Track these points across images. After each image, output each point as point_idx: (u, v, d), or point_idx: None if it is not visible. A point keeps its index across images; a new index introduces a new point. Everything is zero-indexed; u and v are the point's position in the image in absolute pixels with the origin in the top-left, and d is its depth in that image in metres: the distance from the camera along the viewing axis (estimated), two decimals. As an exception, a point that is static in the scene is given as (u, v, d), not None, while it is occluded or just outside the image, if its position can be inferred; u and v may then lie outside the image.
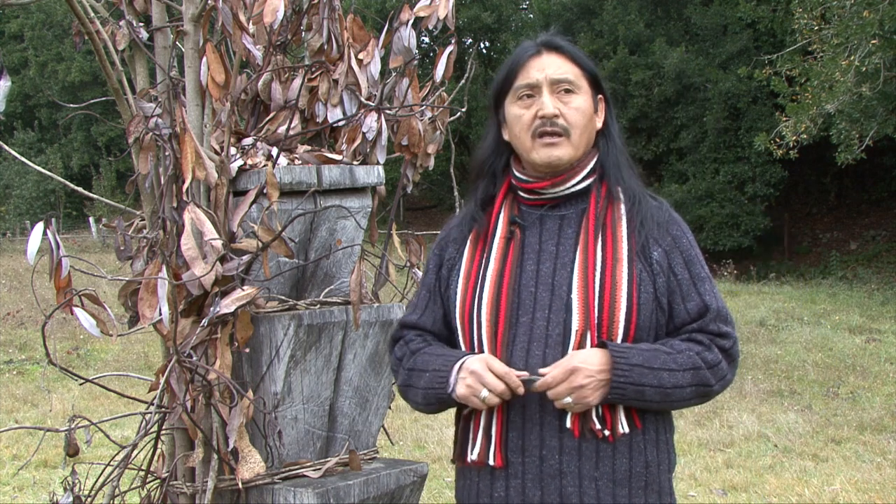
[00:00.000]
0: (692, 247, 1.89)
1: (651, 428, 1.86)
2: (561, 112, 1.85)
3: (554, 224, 1.89)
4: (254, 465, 1.92)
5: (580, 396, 1.75)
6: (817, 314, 12.72)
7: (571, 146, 1.86)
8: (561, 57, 1.89)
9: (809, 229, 22.36)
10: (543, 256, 1.87)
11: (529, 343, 1.82)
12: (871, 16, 13.15)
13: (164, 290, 1.82)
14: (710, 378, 1.83)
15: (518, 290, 1.85)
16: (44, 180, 31.31)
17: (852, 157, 14.99)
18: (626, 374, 1.76)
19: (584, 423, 1.80)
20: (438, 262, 1.98)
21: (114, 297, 2.21)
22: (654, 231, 1.85)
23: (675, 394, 1.80)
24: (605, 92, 1.93)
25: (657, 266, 1.84)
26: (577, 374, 1.74)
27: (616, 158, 1.91)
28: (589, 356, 1.76)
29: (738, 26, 20.32)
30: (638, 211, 1.87)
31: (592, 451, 1.80)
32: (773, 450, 6.43)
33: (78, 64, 31.66)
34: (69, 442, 1.95)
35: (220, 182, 1.96)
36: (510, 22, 28.69)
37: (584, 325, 1.79)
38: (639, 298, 1.81)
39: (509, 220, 1.91)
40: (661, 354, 1.80)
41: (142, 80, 2.17)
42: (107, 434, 2.11)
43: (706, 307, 1.84)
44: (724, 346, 1.85)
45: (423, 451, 6.49)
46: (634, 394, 1.78)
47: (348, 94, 2.19)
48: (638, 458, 1.83)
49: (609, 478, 1.80)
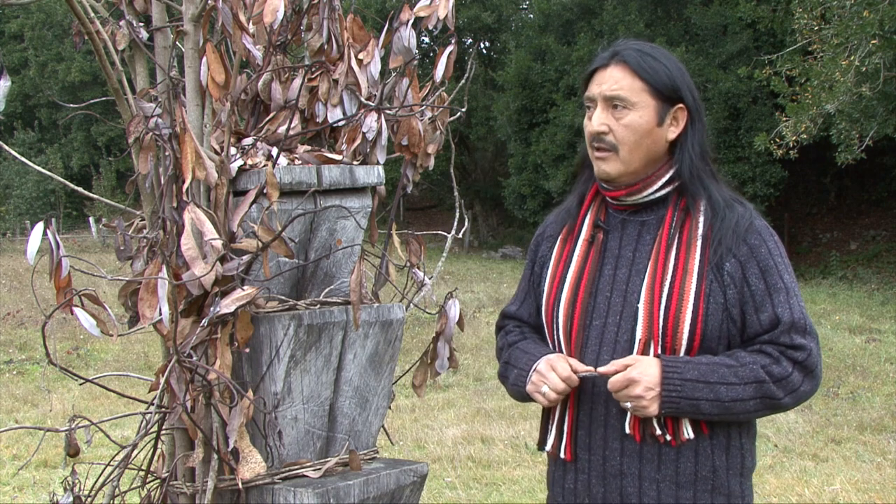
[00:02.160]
0: (771, 256, 1.86)
1: (721, 433, 1.87)
2: (611, 128, 1.89)
3: (634, 230, 1.94)
4: (254, 465, 1.92)
5: (638, 406, 1.80)
6: (817, 314, 12.72)
7: (620, 161, 1.90)
8: (624, 70, 1.89)
9: (809, 229, 22.36)
10: (621, 262, 1.92)
11: (600, 347, 1.88)
12: (871, 16, 13.14)
13: (164, 290, 1.82)
14: (776, 392, 1.82)
15: (594, 295, 1.91)
16: (44, 180, 31.32)
17: (852, 157, 14.98)
18: (679, 388, 1.79)
19: (644, 429, 1.85)
20: (533, 258, 2.10)
21: (114, 297, 2.21)
22: (730, 242, 1.85)
23: (736, 407, 1.81)
24: (688, 102, 1.91)
25: (728, 277, 1.84)
26: (634, 386, 1.79)
27: (692, 170, 1.90)
28: (648, 368, 1.80)
29: (738, 26, 20.31)
30: (720, 221, 1.87)
31: (654, 454, 1.85)
32: (773, 450, 6.43)
33: (78, 64, 31.68)
34: (69, 442, 1.95)
35: (220, 182, 1.96)
36: (510, 22, 28.71)
37: (647, 335, 1.83)
38: (706, 310, 1.82)
39: (594, 223, 1.97)
40: (721, 368, 1.81)
41: (142, 80, 2.17)
42: (107, 434, 2.11)
43: (778, 318, 1.83)
44: (796, 359, 1.83)
45: (423, 451, 6.50)
46: (689, 407, 1.80)
47: (348, 94, 2.19)
48: (704, 462, 1.85)
49: (672, 480, 1.84)
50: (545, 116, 22.54)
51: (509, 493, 5.55)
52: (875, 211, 21.81)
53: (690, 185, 1.91)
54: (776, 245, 1.89)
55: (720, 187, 1.93)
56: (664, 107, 1.90)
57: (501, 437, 6.74)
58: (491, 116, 24.79)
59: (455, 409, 7.78)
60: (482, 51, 29.53)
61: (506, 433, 6.83)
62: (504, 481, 5.76)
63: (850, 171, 18.91)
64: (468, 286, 16.41)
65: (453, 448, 6.48)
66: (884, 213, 21.48)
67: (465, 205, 2.76)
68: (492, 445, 6.57)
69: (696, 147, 1.92)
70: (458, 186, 2.72)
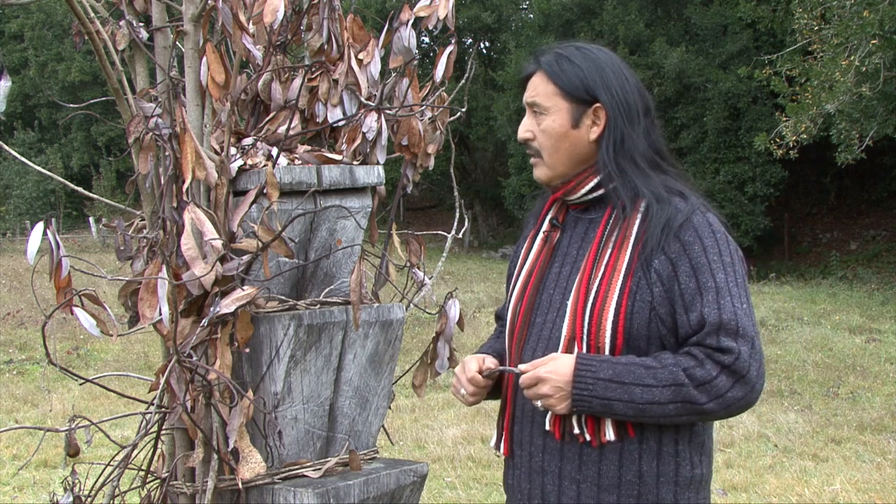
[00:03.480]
0: (705, 253, 1.77)
1: (651, 437, 1.80)
2: (535, 135, 1.93)
3: (582, 227, 1.94)
4: (254, 465, 1.92)
5: (547, 404, 1.78)
6: (817, 314, 12.72)
7: (546, 166, 1.93)
8: (541, 76, 1.92)
9: (809, 229, 22.36)
10: (566, 260, 1.92)
11: (537, 343, 1.89)
12: (871, 16, 13.15)
13: (164, 290, 1.82)
14: (697, 396, 1.72)
15: (540, 292, 1.92)
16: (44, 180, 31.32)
17: (852, 157, 14.99)
18: (590, 387, 1.74)
19: (564, 427, 1.82)
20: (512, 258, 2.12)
21: (114, 297, 2.21)
22: (660, 237, 1.78)
23: (653, 409, 1.73)
24: (604, 100, 1.87)
25: (655, 275, 1.77)
26: (542, 384, 1.77)
27: (609, 167, 1.86)
28: (560, 366, 1.76)
29: (738, 26, 20.31)
30: (650, 217, 1.81)
31: (575, 453, 1.81)
32: (773, 450, 6.43)
33: (78, 64, 31.67)
34: (69, 442, 1.95)
35: (220, 182, 1.96)
36: (510, 22, 28.70)
37: (571, 332, 1.81)
38: (630, 308, 1.77)
39: (550, 221, 1.99)
40: (639, 369, 1.74)
41: (142, 80, 2.17)
42: (107, 434, 2.11)
43: (704, 319, 1.73)
44: (722, 362, 1.72)
45: (423, 451, 6.49)
46: (601, 407, 1.75)
47: (348, 94, 2.19)
48: (629, 466, 1.79)
49: (593, 482, 1.80)
50: (545, 116, 22.51)
51: (509, 493, 5.55)
52: (875, 211, 21.82)
53: (608, 182, 1.87)
54: (714, 242, 1.79)
55: (653, 181, 1.86)
56: (578, 108, 1.88)
57: (501, 437, 6.73)
58: (491, 116, 24.79)
59: (455, 409, 7.78)
60: (482, 51, 29.53)
61: (506, 433, 6.82)
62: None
63: (850, 171, 18.91)
64: (468, 286, 16.40)
65: (453, 448, 6.48)
66: (884, 213, 21.48)
67: (465, 205, 2.76)
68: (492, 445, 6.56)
69: (611, 145, 1.87)
70: (458, 186, 2.72)
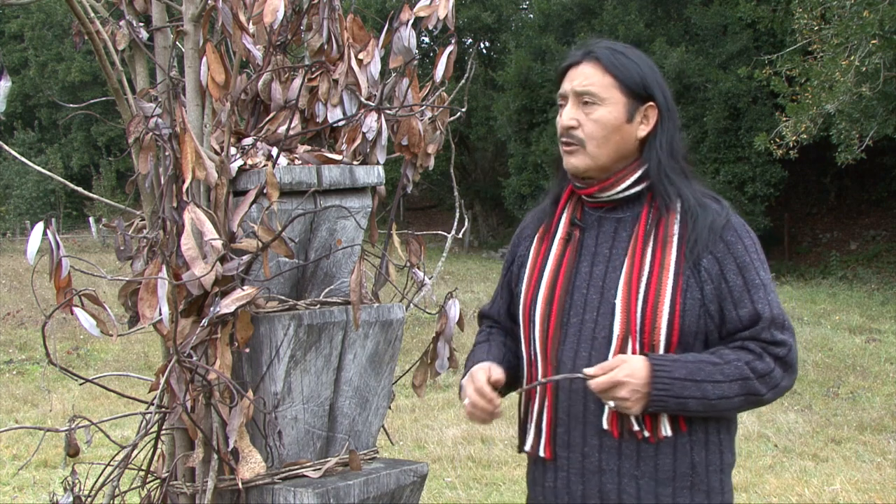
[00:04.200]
0: (747, 252, 1.87)
1: (699, 429, 1.88)
2: (580, 123, 1.90)
3: (610, 227, 1.94)
4: (254, 465, 1.92)
5: (622, 407, 1.80)
6: (817, 314, 12.72)
7: (588, 156, 1.91)
8: (595, 67, 1.91)
9: (809, 229, 22.36)
10: (598, 259, 1.92)
11: (578, 344, 1.88)
12: (871, 16, 13.15)
13: (164, 290, 1.82)
14: (759, 388, 1.83)
15: (571, 292, 1.92)
16: (44, 180, 31.32)
17: (852, 157, 14.99)
18: (667, 387, 1.79)
19: (622, 425, 1.85)
20: (511, 258, 2.12)
21: (114, 297, 2.21)
22: (706, 239, 1.86)
23: (721, 404, 1.82)
24: (659, 101, 1.91)
25: (705, 273, 1.84)
26: (621, 388, 1.78)
27: (662, 167, 1.90)
28: (635, 370, 1.79)
29: (738, 26, 20.30)
30: (693, 219, 1.87)
31: (633, 450, 1.85)
32: (773, 450, 6.43)
33: (78, 64, 31.67)
34: (69, 442, 1.95)
35: (220, 182, 1.96)
36: (510, 22, 28.69)
37: (624, 330, 1.84)
38: (683, 306, 1.83)
39: (570, 220, 1.98)
40: (707, 366, 1.81)
41: (142, 80, 2.17)
42: (107, 434, 2.11)
43: (758, 315, 1.83)
44: (777, 354, 1.84)
45: (423, 451, 6.50)
46: (676, 405, 1.81)
47: (348, 94, 2.19)
48: (683, 458, 1.86)
49: (651, 476, 1.85)
50: (545, 116, 22.53)
51: (509, 493, 5.55)
52: (875, 211, 21.81)
53: (659, 183, 1.91)
54: (752, 242, 1.90)
55: (692, 185, 1.94)
56: (634, 104, 1.90)
57: (501, 437, 6.74)
58: (491, 116, 24.78)
59: (455, 409, 7.78)
60: (482, 51, 29.53)
61: (506, 433, 6.83)
62: (504, 481, 5.76)
63: (850, 171, 18.90)
64: (468, 286, 16.40)
65: (453, 448, 6.48)
66: (884, 213, 21.48)
67: (465, 205, 2.76)
68: (492, 445, 6.57)
69: (666, 145, 1.92)
70: (458, 186, 2.72)
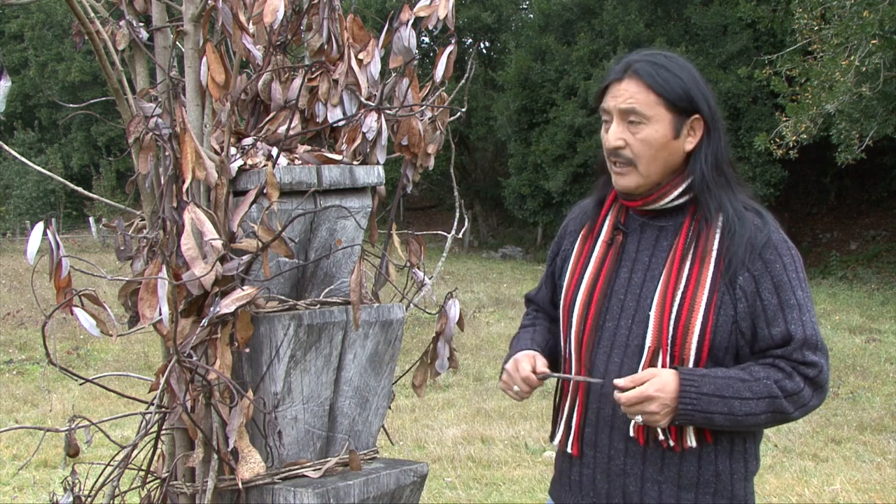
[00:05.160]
0: (785, 272, 1.86)
1: (724, 439, 1.89)
2: (627, 143, 1.89)
3: (652, 234, 1.95)
4: (254, 465, 1.92)
5: (650, 420, 1.82)
6: (817, 314, 12.69)
7: (639, 175, 1.90)
8: (638, 84, 1.88)
9: (809, 229, 22.35)
10: (637, 266, 1.94)
11: (611, 349, 1.91)
12: (871, 16, 13.14)
13: (164, 290, 1.82)
14: (787, 407, 1.84)
15: (609, 297, 1.94)
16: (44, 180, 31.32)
17: (852, 157, 14.97)
18: (695, 402, 1.80)
19: (648, 434, 1.88)
20: (556, 250, 2.15)
21: (114, 297, 2.21)
22: (745, 256, 1.85)
23: (748, 420, 1.83)
24: (704, 112, 1.90)
25: (740, 291, 1.84)
26: (651, 403, 1.80)
27: (705, 182, 1.89)
28: (665, 384, 1.80)
29: (738, 26, 20.30)
30: (731, 235, 1.87)
31: (658, 457, 1.88)
32: (773, 450, 6.43)
33: (78, 64, 31.66)
34: (69, 442, 1.95)
35: (220, 182, 1.96)
36: (510, 22, 28.69)
37: (656, 343, 1.85)
38: (715, 322, 1.83)
39: (614, 225, 1.99)
40: (736, 382, 1.82)
41: (142, 80, 2.17)
42: (107, 434, 2.11)
43: (790, 336, 1.84)
44: (808, 375, 1.85)
45: (423, 451, 6.50)
46: (703, 420, 1.82)
47: (348, 94, 2.19)
48: (707, 466, 1.88)
49: (674, 482, 1.87)
50: (545, 116, 22.53)
51: (509, 493, 5.55)
52: (875, 211, 21.81)
53: (701, 196, 1.91)
54: (792, 260, 1.89)
55: (736, 196, 1.92)
56: (680, 119, 1.89)
57: (501, 437, 6.74)
58: (491, 116, 24.77)
59: (455, 409, 7.78)
60: (482, 51, 29.52)
61: (506, 433, 6.83)
62: (504, 481, 5.76)
63: (850, 171, 18.90)
64: (468, 286, 16.40)
65: (453, 448, 6.48)
66: (884, 213, 21.47)
67: (465, 205, 2.76)
68: (492, 445, 6.57)
69: (711, 158, 1.90)
70: (458, 186, 2.72)
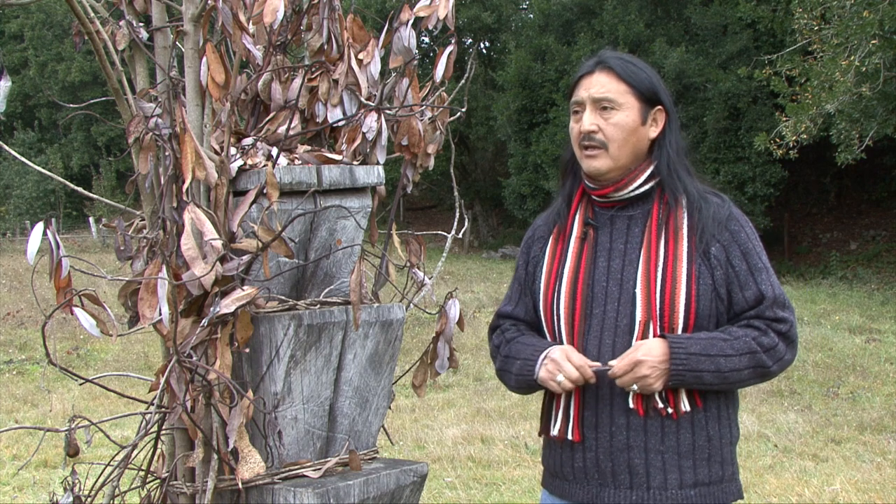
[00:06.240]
0: (749, 240, 2.07)
1: (713, 405, 2.06)
2: (600, 127, 2.08)
3: (623, 224, 2.12)
4: (254, 465, 1.92)
5: (644, 385, 1.98)
6: (817, 314, 12.71)
7: (610, 158, 2.09)
8: (609, 75, 2.09)
9: (809, 229, 22.35)
10: (614, 254, 2.10)
11: (601, 332, 2.06)
12: (871, 16, 13.14)
13: (164, 290, 1.82)
14: (766, 360, 2.02)
15: (591, 285, 2.09)
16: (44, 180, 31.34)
17: (852, 157, 14.98)
18: (685, 362, 1.97)
19: (647, 403, 2.03)
20: (526, 259, 2.26)
21: (114, 297, 2.21)
22: (713, 229, 2.05)
23: (733, 376, 2.00)
24: (666, 104, 2.11)
25: (715, 260, 2.03)
26: (641, 366, 1.96)
27: (670, 165, 2.10)
28: (652, 348, 1.98)
29: (738, 26, 20.29)
30: (698, 211, 2.06)
31: (657, 427, 2.03)
32: (773, 450, 6.43)
33: (78, 64, 31.67)
34: (69, 442, 1.95)
35: (220, 182, 1.96)
36: (510, 22, 28.69)
37: (646, 316, 2.02)
38: (697, 291, 2.02)
39: (584, 221, 2.15)
40: (719, 342, 2.00)
41: (142, 80, 2.17)
42: (107, 434, 2.11)
43: (762, 295, 2.03)
44: (780, 330, 2.03)
45: (423, 451, 6.50)
46: (693, 379, 1.99)
47: (348, 94, 2.19)
48: (700, 432, 2.05)
49: (674, 450, 2.03)
50: (545, 116, 22.54)
51: (509, 493, 5.55)
52: (875, 211, 21.81)
53: (669, 179, 2.09)
54: (752, 230, 2.10)
55: (694, 182, 2.12)
56: (646, 108, 2.09)
57: (501, 437, 6.74)
58: (491, 116, 24.78)
59: (455, 409, 7.78)
60: (482, 51, 29.53)
61: (506, 433, 6.83)
62: (504, 481, 5.76)
63: (850, 171, 18.90)
64: (468, 286, 16.40)
65: (453, 448, 6.48)
66: (884, 213, 21.47)
67: (465, 205, 2.77)
68: (492, 445, 6.57)
69: (674, 144, 2.11)
70: (458, 186, 2.72)
